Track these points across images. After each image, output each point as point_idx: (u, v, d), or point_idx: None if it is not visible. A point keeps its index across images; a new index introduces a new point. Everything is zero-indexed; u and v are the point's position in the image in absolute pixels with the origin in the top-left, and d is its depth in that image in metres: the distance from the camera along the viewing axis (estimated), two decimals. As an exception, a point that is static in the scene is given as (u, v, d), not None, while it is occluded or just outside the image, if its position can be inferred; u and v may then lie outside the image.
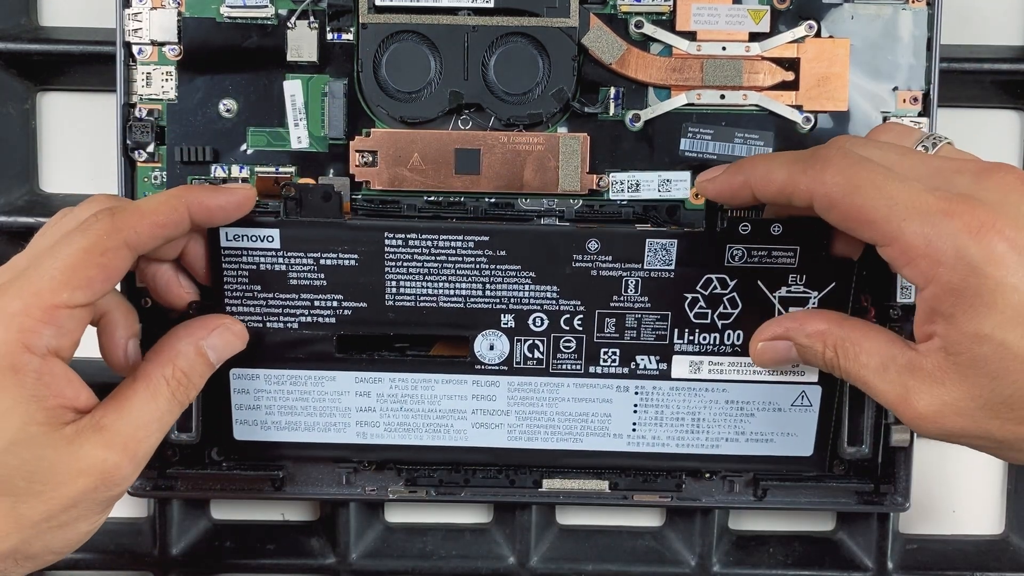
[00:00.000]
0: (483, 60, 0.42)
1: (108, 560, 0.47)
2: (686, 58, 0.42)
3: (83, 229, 0.34)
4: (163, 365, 0.37)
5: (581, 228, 0.40)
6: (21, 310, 0.33)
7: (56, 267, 0.33)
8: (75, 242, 0.34)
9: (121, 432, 0.35)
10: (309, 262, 0.40)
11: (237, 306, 0.41)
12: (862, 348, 0.36)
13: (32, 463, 0.33)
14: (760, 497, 0.44)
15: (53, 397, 0.33)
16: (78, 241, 0.34)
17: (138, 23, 0.42)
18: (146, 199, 0.36)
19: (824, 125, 0.43)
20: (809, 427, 0.43)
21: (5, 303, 0.33)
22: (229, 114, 0.43)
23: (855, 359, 0.36)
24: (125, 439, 0.35)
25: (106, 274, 0.34)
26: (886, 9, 0.42)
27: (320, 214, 0.40)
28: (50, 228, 0.37)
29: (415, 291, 0.41)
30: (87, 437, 0.34)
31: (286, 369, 0.42)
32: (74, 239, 0.34)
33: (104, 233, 0.34)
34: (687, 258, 0.40)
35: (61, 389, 0.34)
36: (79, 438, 0.34)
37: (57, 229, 0.36)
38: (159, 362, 0.37)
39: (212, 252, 0.40)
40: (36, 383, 0.33)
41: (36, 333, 0.33)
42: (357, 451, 0.43)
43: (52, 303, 0.33)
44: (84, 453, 0.34)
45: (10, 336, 0.33)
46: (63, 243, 0.34)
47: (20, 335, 0.33)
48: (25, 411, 0.33)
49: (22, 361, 0.33)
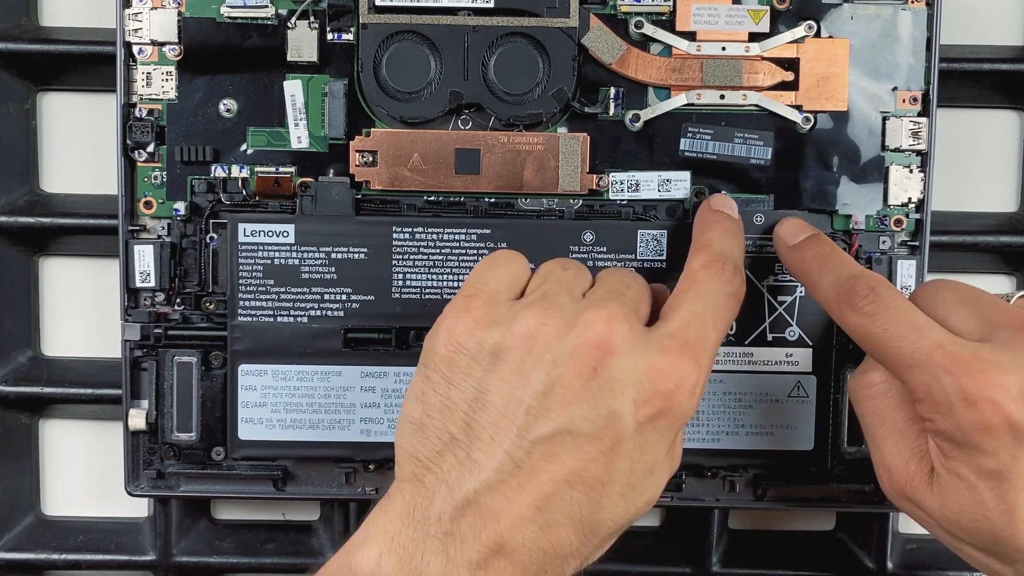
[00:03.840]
0: (483, 60, 0.42)
1: (108, 560, 0.47)
2: (686, 58, 0.42)
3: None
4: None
5: (577, 220, 0.42)
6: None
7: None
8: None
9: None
10: (321, 256, 0.42)
11: (250, 301, 0.42)
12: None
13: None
14: (760, 497, 0.44)
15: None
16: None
17: (138, 23, 0.42)
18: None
19: (824, 125, 0.43)
20: (807, 419, 0.43)
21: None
22: (229, 114, 0.43)
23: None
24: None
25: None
26: (886, 9, 0.42)
27: (335, 209, 0.41)
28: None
29: (421, 283, 0.42)
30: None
31: (294, 364, 0.42)
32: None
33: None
34: (678, 248, 0.41)
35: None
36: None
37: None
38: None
39: (230, 247, 0.41)
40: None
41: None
42: (361, 449, 0.43)
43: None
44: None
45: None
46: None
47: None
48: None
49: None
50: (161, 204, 0.43)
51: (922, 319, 0.35)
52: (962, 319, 0.36)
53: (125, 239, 0.43)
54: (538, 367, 0.33)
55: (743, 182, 0.43)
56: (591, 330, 0.33)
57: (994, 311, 0.36)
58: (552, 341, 0.33)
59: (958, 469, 0.35)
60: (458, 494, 0.33)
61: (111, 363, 0.47)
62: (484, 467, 0.33)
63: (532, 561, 0.33)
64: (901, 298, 0.36)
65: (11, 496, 0.48)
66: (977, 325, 0.35)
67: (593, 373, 0.33)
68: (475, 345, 0.34)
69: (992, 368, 0.33)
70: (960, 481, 0.35)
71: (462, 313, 0.35)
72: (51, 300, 0.48)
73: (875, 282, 0.37)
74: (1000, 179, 0.48)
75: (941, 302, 0.36)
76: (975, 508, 0.35)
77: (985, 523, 0.35)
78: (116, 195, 0.43)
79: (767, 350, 0.43)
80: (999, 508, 0.34)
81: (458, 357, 0.34)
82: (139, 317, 0.43)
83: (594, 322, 0.33)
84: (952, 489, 0.35)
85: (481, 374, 0.34)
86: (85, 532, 0.48)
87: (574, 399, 0.33)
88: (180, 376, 0.43)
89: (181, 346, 0.43)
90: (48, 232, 0.46)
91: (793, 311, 0.43)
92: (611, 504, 0.34)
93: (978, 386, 0.33)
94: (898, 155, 0.43)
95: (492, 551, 0.32)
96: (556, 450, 0.33)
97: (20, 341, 0.47)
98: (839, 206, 0.43)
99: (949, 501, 0.35)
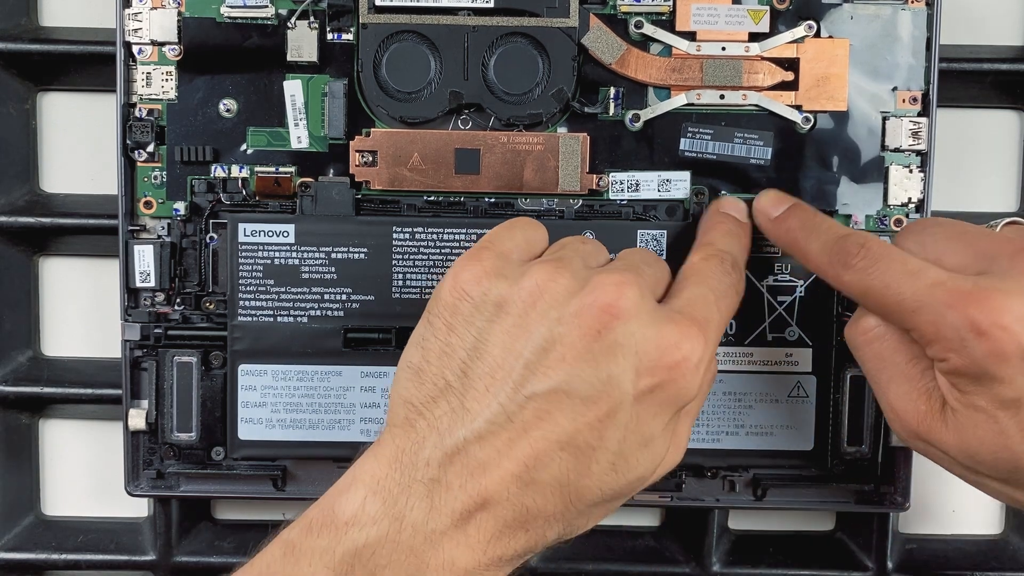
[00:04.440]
0: (483, 60, 0.42)
1: (108, 560, 0.47)
2: (686, 58, 0.42)
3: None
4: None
5: (577, 220, 0.42)
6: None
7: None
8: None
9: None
10: (321, 256, 0.42)
11: (250, 301, 0.42)
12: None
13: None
14: (760, 497, 0.44)
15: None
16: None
17: (138, 23, 0.42)
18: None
19: (824, 125, 0.43)
20: (807, 419, 0.43)
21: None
22: (229, 114, 0.43)
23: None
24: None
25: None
26: (885, 9, 0.42)
27: (335, 209, 0.41)
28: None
29: (420, 283, 0.42)
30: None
31: (294, 364, 0.42)
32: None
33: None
34: (677, 248, 0.41)
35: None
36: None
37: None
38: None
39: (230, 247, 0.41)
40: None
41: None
42: (360, 449, 0.43)
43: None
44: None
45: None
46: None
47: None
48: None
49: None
50: (161, 204, 0.43)
51: (916, 263, 0.35)
52: (955, 255, 0.35)
53: (125, 239, 0.43)
54: (542, 323, 0.33)
55: (743, 182, 0.43)
56: (600, 292, 0.33)
57: (986, 241, 0.35)
58: (559, 299, 0.33)
59: (976, 402, 0.34)
60: (448, 441, 0.32)
61: (111, 363, 0.47)
62: (476, 417, 0.33)
63: (514, 518, 0.33)
64: (892, 248, 0.36)
65: (11, 496, 0.48)
66: (971, 258, 0.35)
67: (597, 335, 0.33)
68: (480, 294, 0.34)
69: (997, 295, 0.33)
70: (979, 413, 0.34)
71: (471, 261, 0.34)
72: (51, 300, 0.48)
73: (863, 238, 0.37)
74: (1000, 179, 0.48)
75: (931, 241, 0.36)
76: (996, 438, 0.34)
77: (1006, 452, 0.34)
78: (116, 195, 0.43)
79: (767, 350, 0.43)
80: (1020, 434, 0.34)
81: (461, 304, 0.34)
82: (139, 317, 0.43)
83: (605, 285, 0.33)
84: (970, 423, 0.34)
85: (483, 323, 0.34)
86: (85, 532, 0.48)
87: (574, 359, 0.32)
88: (180, 376, 0.43)
89: (181, 346, 0.43)
90: (48, 232, 0.46)
91: (793, 311, 0.43)
92: (600, 471, 0.33)
93: (986, 315, 0.33)
94: (898, 155, 0.43)
95: (477, 503, 0.32)
96: (550, 408, 0.32)
97: (20, 341, 0.47)
98: (839, 206, 0.43)
99: (967, 435, 0.35)
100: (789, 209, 0.40)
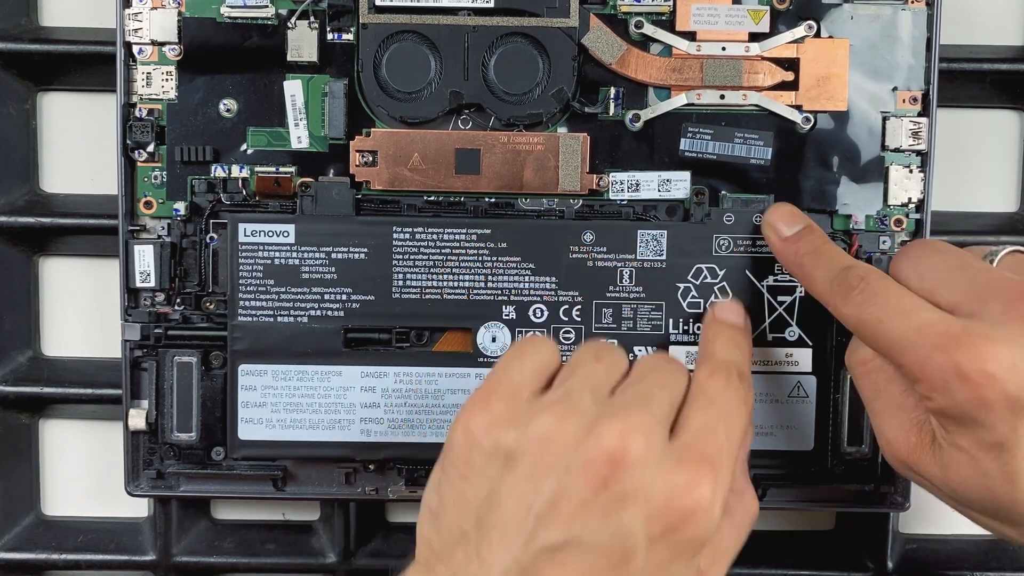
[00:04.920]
0: (483, 60, 0.42)
1: (108, 560, 0.47)
2: (686, 58, 0.42)
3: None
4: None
5: (577, 220, 0.42)
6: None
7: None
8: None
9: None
10: (321, 256, 0.42)
11: (250, 301, 0.42)
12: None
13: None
14: (760, 497, 0.44)
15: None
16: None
17: (138, 23, 0.42)
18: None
19: (824, 125, 0.43)
20: (807, 420, 0.43)
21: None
22: (229, 114, 0.43)
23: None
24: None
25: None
26: (886, 9, 0.42)
27: (335, 209, 0.42)
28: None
29: (420, 283, 0.42)
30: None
31: (294, 364, 0.42)
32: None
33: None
34: (677, 248, 0.42)
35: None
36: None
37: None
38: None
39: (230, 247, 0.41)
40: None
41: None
42: (360, 449, 0.43)
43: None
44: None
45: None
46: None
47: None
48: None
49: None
50: (161, 204, 0.43)
51: (911, 302, 0.35)
52: (951, 291, 0.36)
53: (125, 239, 0.43)
54: (551, 474, 0.32)
55: (743, 182, 0.43)
56: (605, 441, 0.32)
57: (984, 280, 0.35)
58: (567, 447, 0.33)
59: (959, 442, 0.35)
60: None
61: (111, 363, 0.47)
62: (492, 569, 0.32)
63: None
64: (891, 284, 0.36)
65: (11, 496, 0.48)
66: (967, 297, 0.35)
67: (603, 486, 0.32)
68: (491, 444, 0.33)
69: (983, 342, 0.33)
70: (962, 453, 0.35)
71: (481, 409, 0.34)
72: (51, 300, 0.48)
73: (865, 272, 0.37)
74: (1000, 179, 0.48)
75: (929, 273, 0.36)
76: (978, 478, 0.35)
77: (988, 492, 0.35)
78: (116, 195, 0.43)
79: (767, 350, 0.43)
80: (1001, 478, 0.34)
81: (473, 455, 0.34)
82: (139, 317, 0.43)
83: (610, 433, 0.32)
84: (954, 460, 0.35)
85: (495, 474, 0.33)
86: (85, 532, 0.48)
87: (582, 511, 0.32)
88: (180, 376, 0.43)
89: (181, 346, 0.43)
90: (48, 232, 0.46)
91: (793, 311, 0.43)
92: None
93: (971, 360, 0.33)
94: (898, 155, 0.43)
95: None
96: (565, 560, 0.32)
97: (20, 341, 0.47)
98: (839, 206, 0.43)
99: (951, 472, 0.35)
100: (800, 232, 0.40)
